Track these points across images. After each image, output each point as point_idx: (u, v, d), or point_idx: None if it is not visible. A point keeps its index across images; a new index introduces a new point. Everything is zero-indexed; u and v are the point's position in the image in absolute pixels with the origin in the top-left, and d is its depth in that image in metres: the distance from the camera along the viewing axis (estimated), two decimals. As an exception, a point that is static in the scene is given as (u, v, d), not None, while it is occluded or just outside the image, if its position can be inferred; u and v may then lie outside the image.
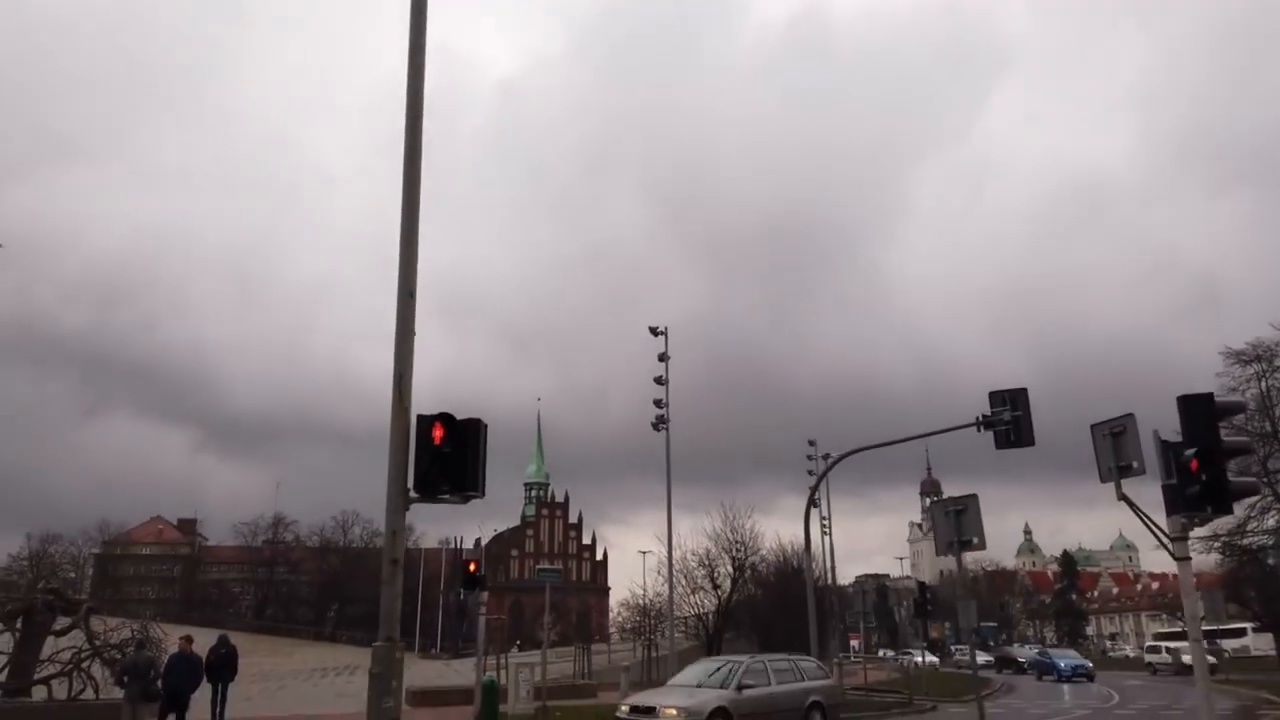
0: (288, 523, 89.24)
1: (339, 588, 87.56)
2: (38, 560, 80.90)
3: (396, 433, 8.41)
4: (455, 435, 8.57)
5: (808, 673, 18.15)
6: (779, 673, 17.52)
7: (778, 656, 19.24)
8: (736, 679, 16.35)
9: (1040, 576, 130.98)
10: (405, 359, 8.65)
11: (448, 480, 8.49)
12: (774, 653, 21.44)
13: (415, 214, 9.00)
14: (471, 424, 8.72)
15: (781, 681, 17.27)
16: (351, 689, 34.89)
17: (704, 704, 15.38)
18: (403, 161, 9.00)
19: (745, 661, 17.43)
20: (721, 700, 15.66)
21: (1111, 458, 9.88)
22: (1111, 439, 9.96)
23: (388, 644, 7.87)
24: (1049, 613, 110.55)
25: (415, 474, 8.45)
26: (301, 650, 58.65)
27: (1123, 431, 9.92)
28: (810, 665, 18.92)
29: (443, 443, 8.50)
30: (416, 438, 8.52)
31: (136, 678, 15.14)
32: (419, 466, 8.45)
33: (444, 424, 8.57)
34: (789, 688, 17.25)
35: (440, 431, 8.53)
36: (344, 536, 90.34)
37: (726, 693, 16.00)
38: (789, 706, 16.85)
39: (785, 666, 18.01)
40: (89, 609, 23.65)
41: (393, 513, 8.32)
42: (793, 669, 17.88)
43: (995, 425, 19.84)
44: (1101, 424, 10.22)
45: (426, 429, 8.53)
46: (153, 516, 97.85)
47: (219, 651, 18.76)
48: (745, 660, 17.58)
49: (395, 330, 8.68)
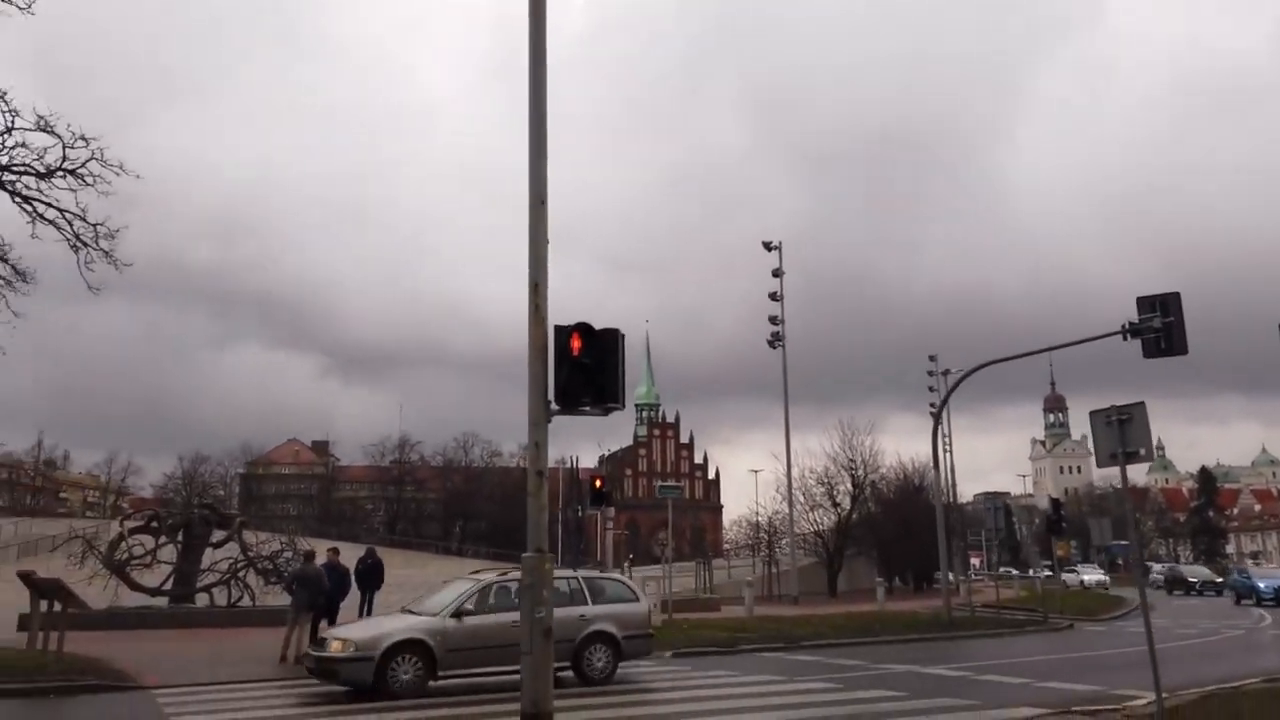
0: (412, 444, 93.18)
1: (462, 505, 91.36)
2: (190, 480, 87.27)
3: (534, 344, 8.23)
4: (594, 345, 8.35)
5: (602, 594, 14.03)
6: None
7: (561, 573, 14.67)
8: (460, 602, 12.80)
9: (1174, 493, 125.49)
10: (539, 268, 8.40)
11: (589, 392, 8.30)
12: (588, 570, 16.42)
13: (543, 118, 8.64)
14: (610, 334, 8.48)
15: None
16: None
17: (384, 635, 12.22)
18: (528, 62, 8.62)
19: (487, 580, 13.57)
20: (414, 631, 12.33)
21: (1118, 444, 10.07)
22: (1119, 426, 10.08)
23: (537, 555, 7.84)
24: (1184, 530, 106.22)
25: (555, 386, 8.29)
26: (433, 563, 61.57)
27: (1129, 419, 10.06)
28: (613, 586, 14.76)
29: (581, 353, 8.29)
30: (555, 349, 8.34)
31: (304, 586, 15.97)
32: (558, 378, 8.28)
33: (582, 334, 8.35)
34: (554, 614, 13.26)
35: (578, 342, 8.33)
36: (465, 456, 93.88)
37: (429, 621, 12.65)
38: (554, 638, 12.63)
39: (561, 588, 13.30)
40: (241, 523, 25.18)
41: (535, 426, 8.19)
42: (578, 590, 13.76)
43: (1144, 333, 18.57)
44: (1103, 410, 10.34)
45: (564, 340, 8.34)
46: (289, 439, 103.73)
47: (365, 562, 19.70)
48: (488, 578, 13.70)
49: (528, 239, 8.43)
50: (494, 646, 12.25)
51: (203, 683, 13.56)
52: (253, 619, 21.49)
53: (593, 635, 13.29)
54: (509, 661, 11.89)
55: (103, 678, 13.44)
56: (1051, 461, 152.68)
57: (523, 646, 7.67)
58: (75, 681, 13.10)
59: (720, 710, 11.48)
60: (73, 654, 14.55)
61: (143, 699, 12.39)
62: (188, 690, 12.97)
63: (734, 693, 13.13)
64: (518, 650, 11.22)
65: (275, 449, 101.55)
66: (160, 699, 12.20)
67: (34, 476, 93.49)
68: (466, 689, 12.50)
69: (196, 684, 13.45)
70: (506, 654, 11.99)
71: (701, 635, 19.93)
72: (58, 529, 47.25)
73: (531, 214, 8.44)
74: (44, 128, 18.36)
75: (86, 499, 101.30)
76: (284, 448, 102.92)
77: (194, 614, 22.32)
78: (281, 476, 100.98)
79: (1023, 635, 23.51)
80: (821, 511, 44.74)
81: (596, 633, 13.32)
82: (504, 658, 12.11)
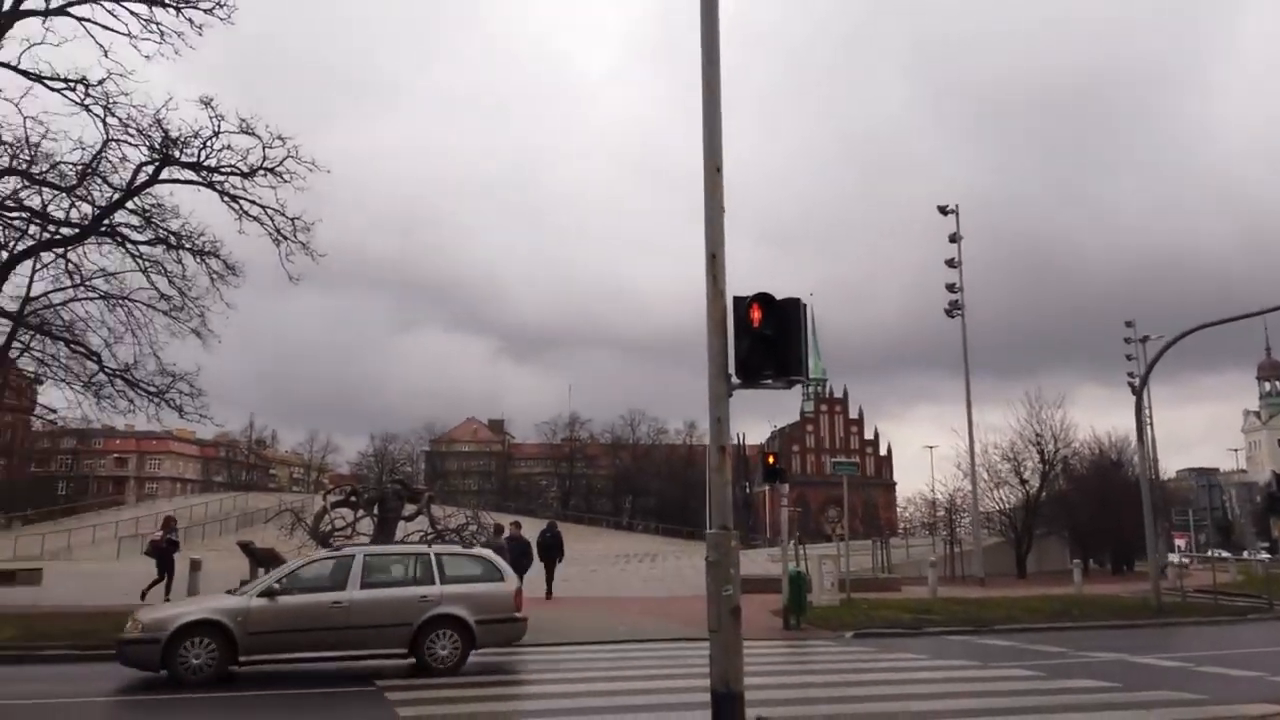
0: (582, 422, 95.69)
1: (631, 481, 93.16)
2: (380, 457, 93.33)
3: (713, 317, 7.98)
4: (775, 316, 8.02)
5: (457, 573, 12.36)
6: (378, 570, 12.13)
7: (401, 549, 14.22)
8: (270, 581, 11.77)
9: None
10: (716, 238, 8.13)
11: (770, 364, 8.00)
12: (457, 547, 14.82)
13: (716, 84, 8.33)
14: (791, 303, 8.13)
15: (379, 584, 11.90)
16: (655, 574, 36.95)
17: (175, 616, 11.17)
18: (700, 22, 8.32)
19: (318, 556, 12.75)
20: (211, 612, 11.19)
21: None
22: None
23: (722, 531, 7.65)
24: None
25: (735, 359, 8.03)
26: (604, 538, 63.22)
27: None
28: (473, 564, 12.85)
29: (762, 324, 7.99)
30: (734, 321, 8.08)
31: None
32: (739, 350, 8.00)
33: (762, 305, 8.04)
34: (388, 594, 11.83)
35: (758, 313, 8.02)
36: (632, 434, 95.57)
37: (233, 601, 11.59)
38: (386, 621, 11.58)
39: (398, 564, 12.56)
40: (430, 498, 26.49)
41: (716, 400, 7.95)
42: (427, 568, 12.19)
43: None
44: None
45: (744, 311, 8.05)
46: (468, 418, 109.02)
47: (546, 536, 20.32)
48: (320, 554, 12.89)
49: (704, 208, 8.18)
50: (308, 630, 11.28)
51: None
52: (442, 589, 22.56)
53: (436, 619, 11.66)
54: (326, 646, 11.47)
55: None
56: (1268, 434, 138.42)
57: (710, 624, 7.51)
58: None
59: (914, 695, 10.97)
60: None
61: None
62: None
63: (925, 677, 12.56)
64: (337, 634, 11.34)
65: (455, 428, 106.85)
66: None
67: (247, 455, 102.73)
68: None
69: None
70: (324, 638, 11.36)
71: (882, 616, 19.31)
72: (268, 502, 51.67)
73: (707, 181, 8.17)
74: (246, 129, 19.86)
75: (292, 475, 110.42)
76: (463, 426, 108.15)
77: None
78: (462, 454, 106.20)
79: (1245, 624, 21.34)
80: (1007, 489, 42.49)
81: (441, 616, 11.69)
82: (320, 642, 11.39)
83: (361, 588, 11.63)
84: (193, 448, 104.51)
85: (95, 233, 20.22)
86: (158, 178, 20.10)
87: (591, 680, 11.69)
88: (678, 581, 32.20)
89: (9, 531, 50.09)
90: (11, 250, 20.75)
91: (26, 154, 19.45)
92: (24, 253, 20.81)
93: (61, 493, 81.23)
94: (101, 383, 21.83)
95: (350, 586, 11.58)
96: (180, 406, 21.61)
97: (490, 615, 11.99)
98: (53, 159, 19.85)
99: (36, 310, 23.17)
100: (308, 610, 11.37)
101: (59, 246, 20.91)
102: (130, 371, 21.59)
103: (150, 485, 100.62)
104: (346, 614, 11.43)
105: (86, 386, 22.10)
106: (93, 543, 50.06)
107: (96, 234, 20.27)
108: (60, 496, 76.78)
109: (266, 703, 10.45)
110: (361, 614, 11.48)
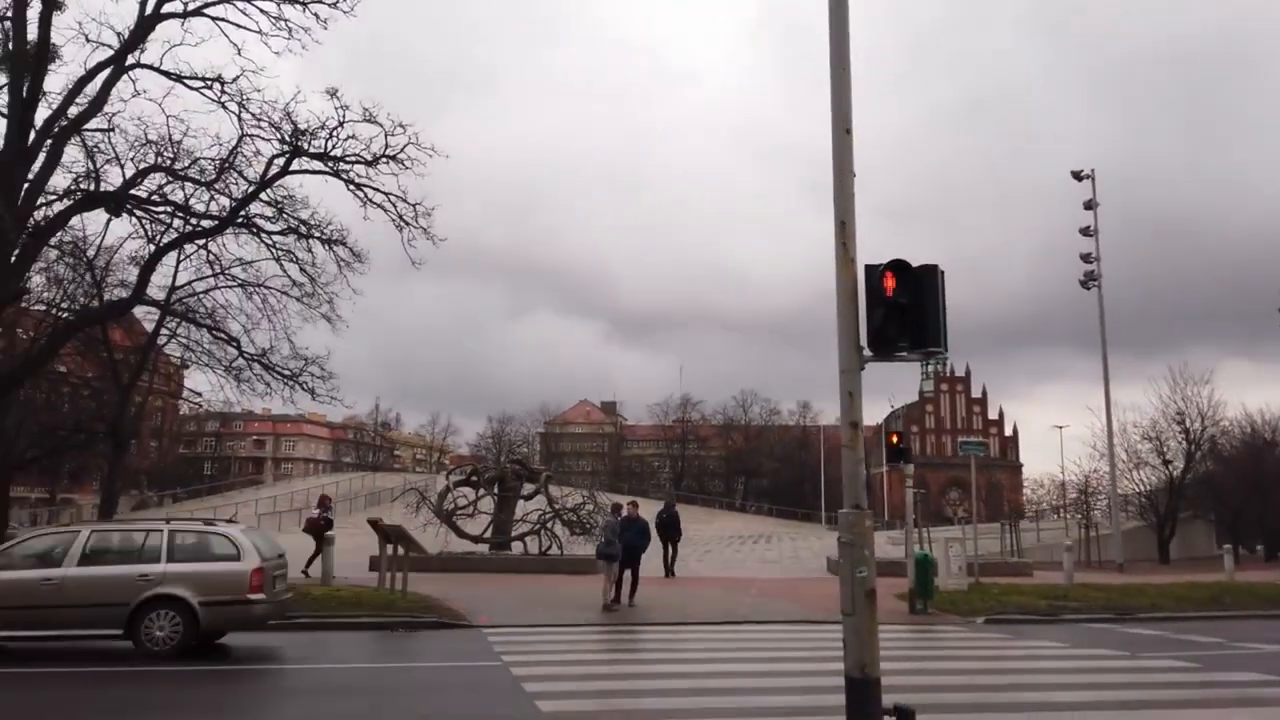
0: (693, 403, 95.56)
1: (743, 462, 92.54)
2: (498, 438, 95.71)
3: (843, 287, 7.59)
4: (910, 284, 7.56)
5: (188, 551, 11.76)
6: (102, 548, 11.75)
7: (133, 526, 13.72)
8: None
9: None
10: (846, 204, 7.73)
11: (906, 335, 7.56)
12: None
13: (845, 38, 7.88)
14: (928, 270, 7.65)
15: (100, 562, 11.48)
16: (771, 556, 36.59)
17: None
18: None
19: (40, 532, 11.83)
20: None
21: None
22: None
23: (855, 511, 7.30)
24: None
25: (868, 330, 7.64)
26: (718, 518, 63.09)
27: None
28: (208, 541, 12.06)
29: (896, 293, 7.56)
30: (865, 291, 7.68)
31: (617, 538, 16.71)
32: (872, 321, 7.58)
33: (896, 272, 7.59)
34: (103, 572, 11.37)
35: (892, 281, 7.57)
36: (744, 415, 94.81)
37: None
38: (100, 600, 11.10)
39: (126, 542, 12.09)
40: (547, 478, 26.93)
41: (847, 374, 7.59)
42: (153, 546, 11.58)
43: None
44: None
45: (876, 280, 7.63)
46: (580, 400, 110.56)
47: (663, 516, 20.29)
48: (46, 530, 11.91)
49: (833, 173, 7.78)
50: (17, 608, 11.04)
51: (523, 624, 14.53)
52: (559, 567, 22.92)
53: (155, 599, 11.12)
54: (37, 625, 11.18)
55: (441, 616, 14.81)
56: None
57: (843, 606, 7.20)
58: (419, 619, 14.55)
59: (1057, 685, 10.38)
60: (415, 593, 16.20)
61: (475, 637, 13.46)
62: (512, 630, 13.94)
63: (1067, 666, 11.89)
64: (46, 612, 11.06)
65: (569, 410, 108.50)
66: (490, 637, 13.18)
67: (374, 436, 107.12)
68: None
69: (518, 624, 14.45)
70: (33, 616, 11.06)
71: (1014, 601, 18.45)
72: (394, 482, 53.76)
73: (835, 143, 7.77)
74: (369, 118, 20.40)
75: (415, 456, 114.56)
76: (576, 408, 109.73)
77: (510, 560, 24.21)
78: (575, 435, 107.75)
79: None
80: (1148, 470, 40.12)
81: (160, 596, 11.13)
82: (27, 620, 11.10)
83: (80, 565, 11.36)
84: (324, 430, 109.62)
85: (233, 224, 21.22)
86: (288, 169, 20.90)
87: (715, 661, 11.54)
88: (794, 563, 31.78)
89: (161, 509, 53.64)
90: (158, 242, 22.04)
91: (170, 151, 20.55)
92: (169, 244, 22.07)
93: (207, 473, 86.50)
94: (241, 367, 23.04)
95: (66, 564, 11.33)
96: (313, 389, 22.58)
97: (217, 596, 11.40)
98: (193, 154, 20.93)
99: (181, 299, 24.62)
100: (16, 587, 11.14)
101: (200, 238, 22.07)
102: (267, 356, 22.68)
103: (285, 465, 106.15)
104: (59, 591, 11.15)
105: (228, 370, 23.37)
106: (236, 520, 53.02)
107: (234, 225, 21.26)
108: (206, 476, 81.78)
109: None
110: (75, 592, 11.16)
